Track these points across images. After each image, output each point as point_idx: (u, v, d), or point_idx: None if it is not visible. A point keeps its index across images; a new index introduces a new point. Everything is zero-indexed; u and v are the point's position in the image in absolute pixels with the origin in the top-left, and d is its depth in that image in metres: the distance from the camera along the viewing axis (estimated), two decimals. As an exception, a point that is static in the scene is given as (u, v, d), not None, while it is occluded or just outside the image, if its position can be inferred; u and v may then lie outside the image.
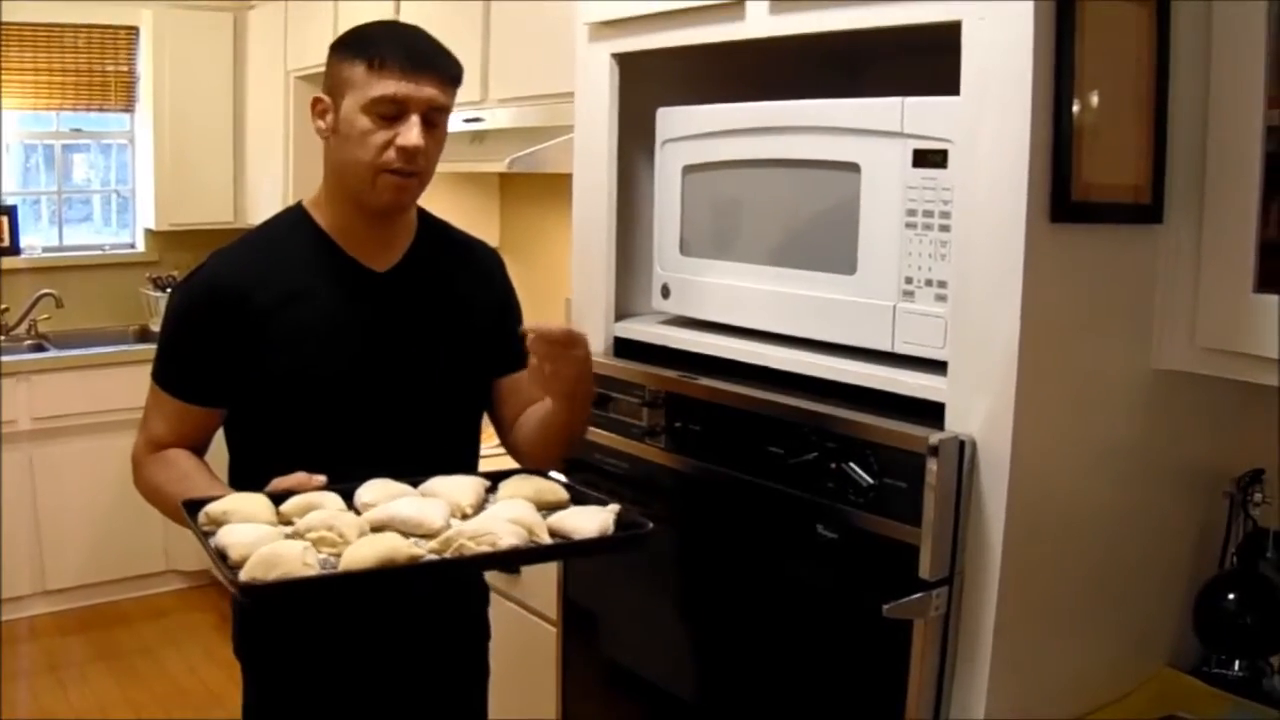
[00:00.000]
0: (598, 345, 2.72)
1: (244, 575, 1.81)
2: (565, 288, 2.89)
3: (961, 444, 1.97)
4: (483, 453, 2.48)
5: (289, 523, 2.03)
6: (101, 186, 7.18)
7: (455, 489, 2.15)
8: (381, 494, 2.10)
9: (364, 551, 1.87)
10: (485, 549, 1.92)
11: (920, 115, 2.06)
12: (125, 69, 6.79)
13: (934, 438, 1.96)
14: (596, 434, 2.63)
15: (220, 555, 1.91)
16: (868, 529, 2.05)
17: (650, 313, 2.74)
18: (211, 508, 2.04)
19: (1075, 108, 1.92)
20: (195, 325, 2.30)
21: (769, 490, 2.23)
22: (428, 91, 2.22)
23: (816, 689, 2.29)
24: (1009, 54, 1.88)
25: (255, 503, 2.07)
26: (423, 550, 1.93)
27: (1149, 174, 2.07)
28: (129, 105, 6.89)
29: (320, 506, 2.05)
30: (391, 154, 2.21)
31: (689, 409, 2.40)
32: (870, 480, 2.03)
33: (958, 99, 1.97)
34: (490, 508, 2.10)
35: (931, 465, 1.95)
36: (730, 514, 2.36)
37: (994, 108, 1.91)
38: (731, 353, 2.44)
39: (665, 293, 2.63)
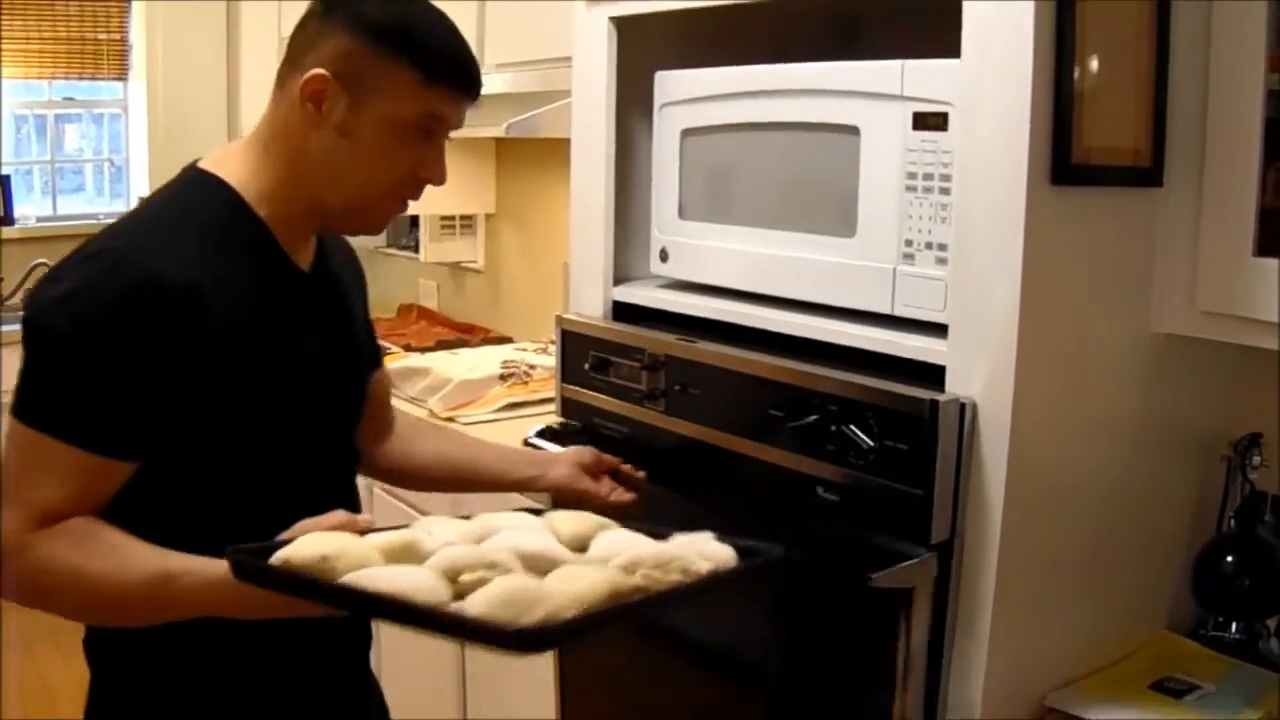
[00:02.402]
0: (597, 309, 2.74)
1: (498, 617, 1.41)
2: (563, 253, 2.89)
3: (962, 406, 1.97)
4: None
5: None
6: (94, 155, 7.16)
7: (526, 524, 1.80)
8: (457, 532, 1.69)
9: (594, 588, 1.50)
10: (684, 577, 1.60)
11: (920, 78, 2.06)
12: (118, 37, 6.77)
13: (934, 400, 1.96)
14: (596, 398, 2.64)
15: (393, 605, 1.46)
16: (868, 491, 2.06)
17: (649, 277, 2.74)
18: (299, 556, 1.55)
19: (1076, 70, 1.92)
20: (129, 343, 1.69)
21: (769, 453, 2.23)
22: (464, 113, 1.90)
23: (814, 653, 2.30)
24: (1010, 16, 1.88)
25: (355, 543, 1.58)
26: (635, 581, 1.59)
27: (1149, 137, 2.07)
28: (122, 74, 6.87)
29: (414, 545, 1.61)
30: (414, 182, 1.88)
31: (688, 372, 2.40)
32: (871, 443, 2.03)
33: (958, 61, 1.96)
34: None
35: (932, 426, 1.96)
36: (730, 477, 2.37)
37: (994, 70, 1.91)
38: (731, 316, 2.45)
39: (664, 257, 2.63)
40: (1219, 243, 2.06)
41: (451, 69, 1.82)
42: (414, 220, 5.52)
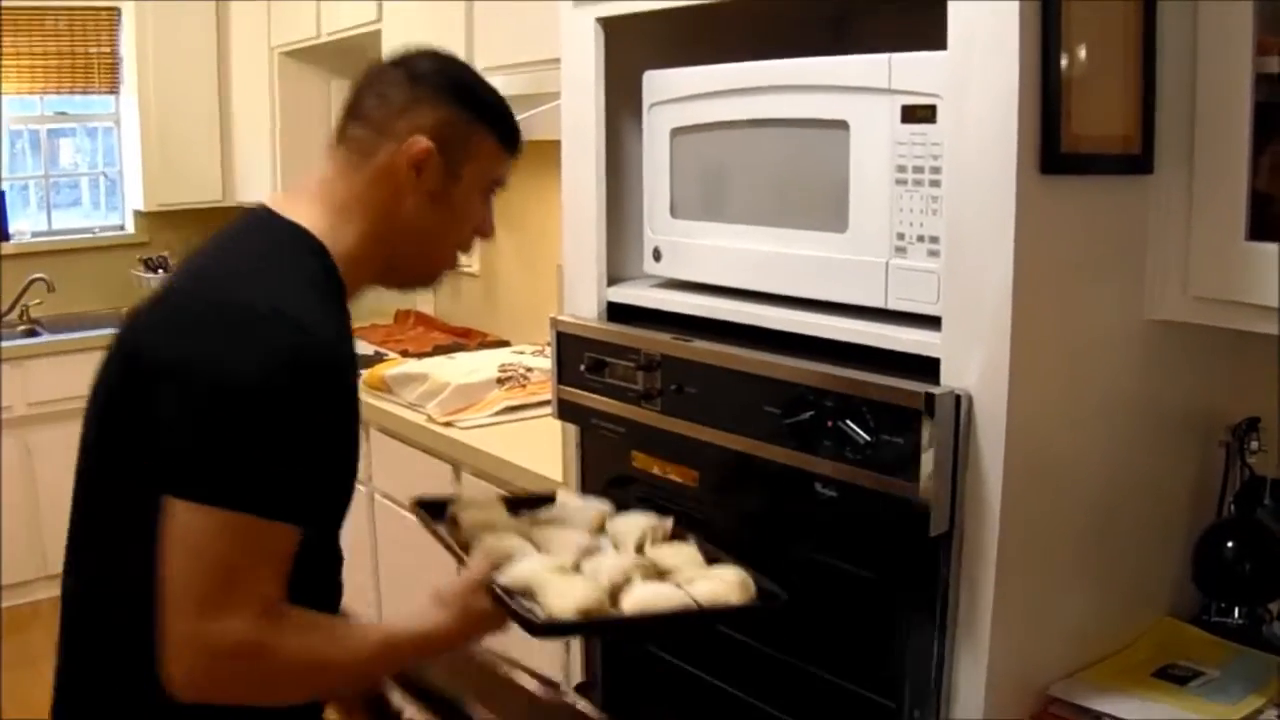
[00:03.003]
0: (591, 311, 2.73)
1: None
2: (556, 255, 2.89)
3: (957, 398, 1.97)
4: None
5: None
6: (89, 169, 7.17)
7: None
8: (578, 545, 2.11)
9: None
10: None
11: (907, 71, 2.06)
12: (108, 50, 6.78)
13: (930, 392, 1.96)
14: (594, 399, 2.63)
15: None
16: (866, 486, 2.05)
17: (643, 277, 2.74)
18: (519, 579, 1.91)
19: (1063, 59, 1.91)
20: (316, 406, 1.71)
21: (766, 450, 2.23)
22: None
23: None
24: (995, 6, 1.88)
25: (548, 570, 1.95)
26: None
27: (1138, 124, 2.07)
28: (113, 87, 6.89)
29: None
30: (474, 238, 2.07)
31: (684, 371, 2.40)
32: (867, 437, 2.02)
33: (945, 53, 1.96)
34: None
35: (928, 419, 1.95)
36: (728, 475, 2.37)
37: (981, 61, 1.90)
38: (725, 314, 2.44)
39: (657, 256, 2.63)
40: (1211, 228, 2.06)
41: (517, 136, 2.06)
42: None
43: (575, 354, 2.66)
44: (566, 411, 2.75)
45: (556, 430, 2.94)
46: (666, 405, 2.44)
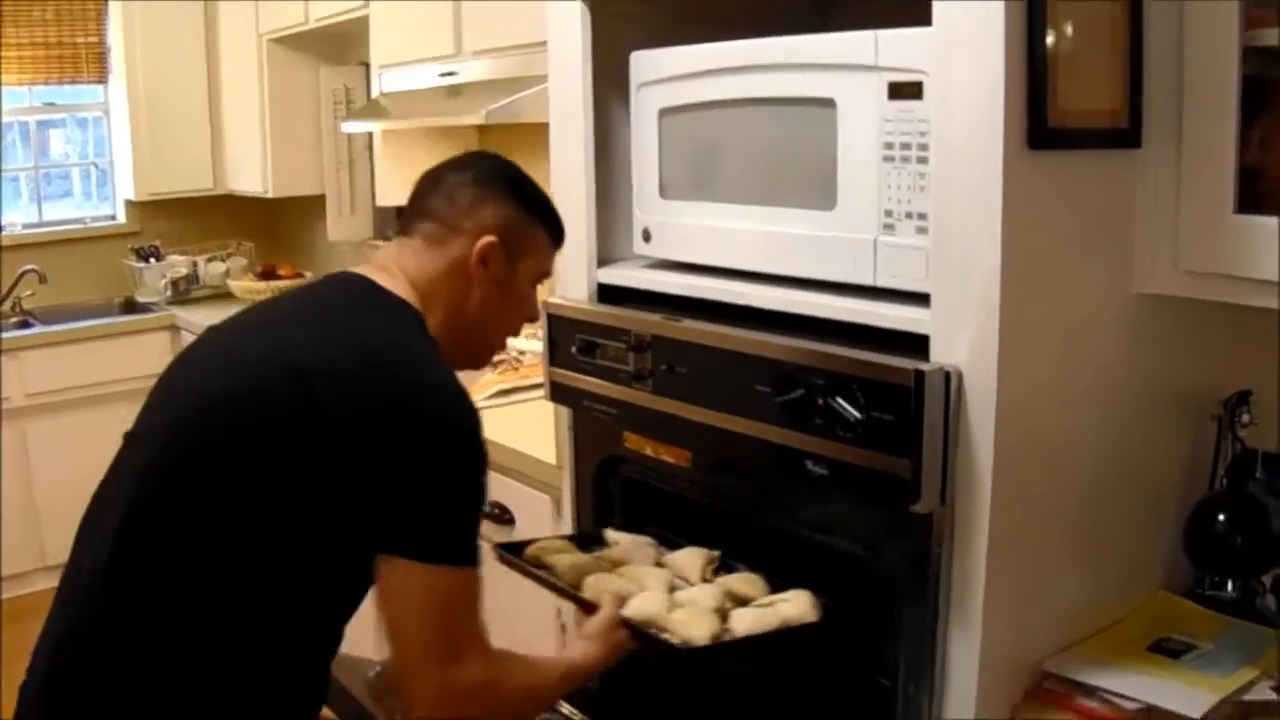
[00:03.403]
0: (581, 292, 2.73)
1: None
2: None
3: (947, 375, 1.97)
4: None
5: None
6: (80, 160, 7.16)
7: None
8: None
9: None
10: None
11: (894, 47, 2.05)
12: (95, 40, 6.76)
13: (919, 369, 1.96)
14: (586, 381, 2.64)
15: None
16: (857, 463, 2.05)
17: (633, 258, 2.74)
18: (642, 614, 2.24)
19: (1049, 34, 1.91)
20: (483, 468, 2.02)
21: (758, 429, 2.23)
22: None
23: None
24: (981, -20, 1.88)
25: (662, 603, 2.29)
26: None
27: (1126, 98, 2.07)
28: (102, 77, 6.87)
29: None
30: (523, 323, 2.32)
31: (675, 351, 2.40)
32: (857, 414, 2.02)
33: (931, 30, 1.96)
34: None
35: (918, 396, 1.95)
36: (720, 454, 2.37)
37: (967, 37, 1.90)
38: (715, 293, 2.44)
39: (646, 237, 2.63)
40: (1200, 201, 2.05)
41: (562, 231, 2.31)
42: (399, 210, 5.51)
43: (566, 336, 2.66)
44: (559, 394, 2.75)
45: (550, 412, 2.95)
46: (658, 386, 2.44)
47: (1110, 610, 2.28)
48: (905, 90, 2.03)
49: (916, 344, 2.03)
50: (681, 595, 2.32)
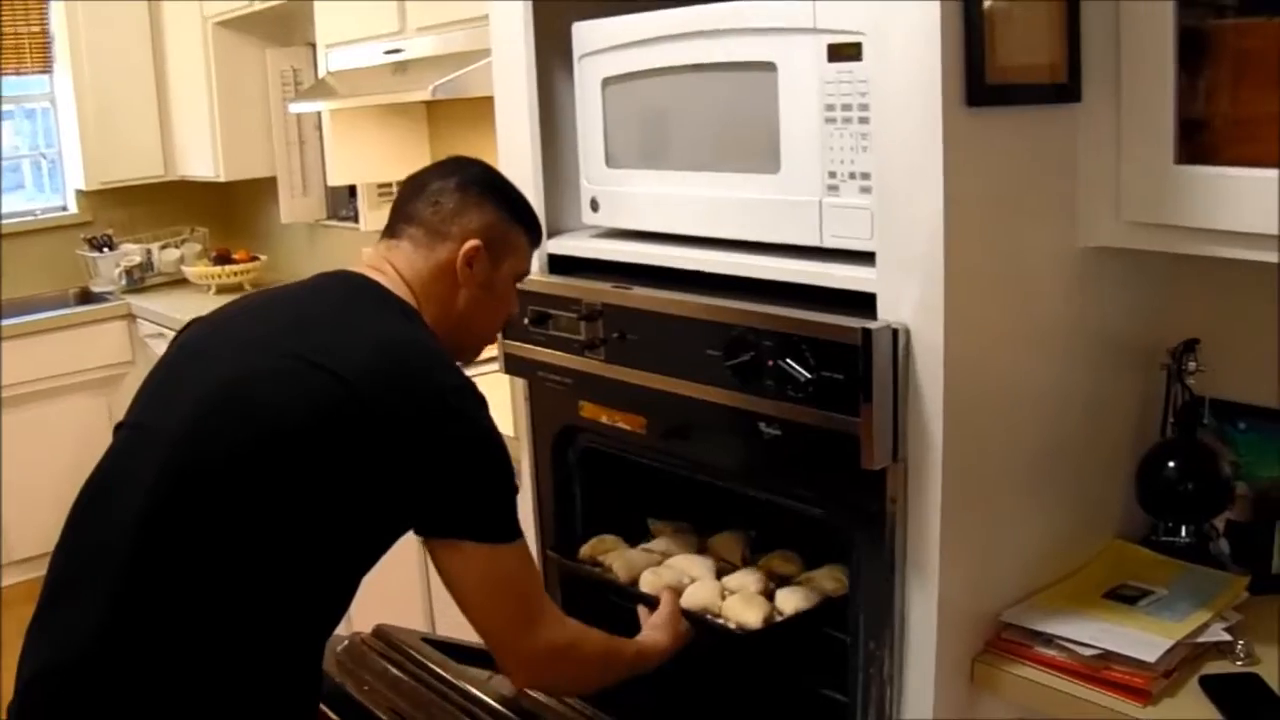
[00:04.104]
0: (532, 264, 2.71)
1: None
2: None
3: (894, 332, 1.98)
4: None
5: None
6: (30, 151, 7.11)
7: None
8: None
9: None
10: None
11: (832, 10, 2.06)
12: (38, 29, 6.70)
13: (866, 328, 1.97)
14: (539, 351, 2.64)
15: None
16: (809, 423, 2.07)
17: (582, 227, 2.75)
18: (699, 603, 2.45)
19: (986, -10, 1.92)
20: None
21: (710, 393, 2.24)
22: None
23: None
24: (915, -60, 1.89)
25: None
26: None
27: (1064, 53, 2.08)
28: (46, 66, 6.80)
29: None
30: (506, 321, 2.40)
31: (625, 319, 2.41)
32: (807, 375, 2.04)
33: (868, -10, 1.97)
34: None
35: (866, 354, 1.97)
36: (674, 420, 2.39)
37: (903, -4, 1.91)
38: (664, 260, 2.45)
39: (594, 206, 2.63)
40: (1140, 153, 2.07)
41: (540, 232, 2.40)
42: (352, 190, 5.51)
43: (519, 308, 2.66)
44: (513, 365, 2.75)
45: (506, 385, 2.95)
46: (610, 354, 2.46)
47: (1067, 560, 2.31)
48: (844, 51, 2.04)
49: (864, 303, 2.04)
50: (730, 581, 2.51)
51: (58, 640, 1.98)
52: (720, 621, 2.38)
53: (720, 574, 2.55)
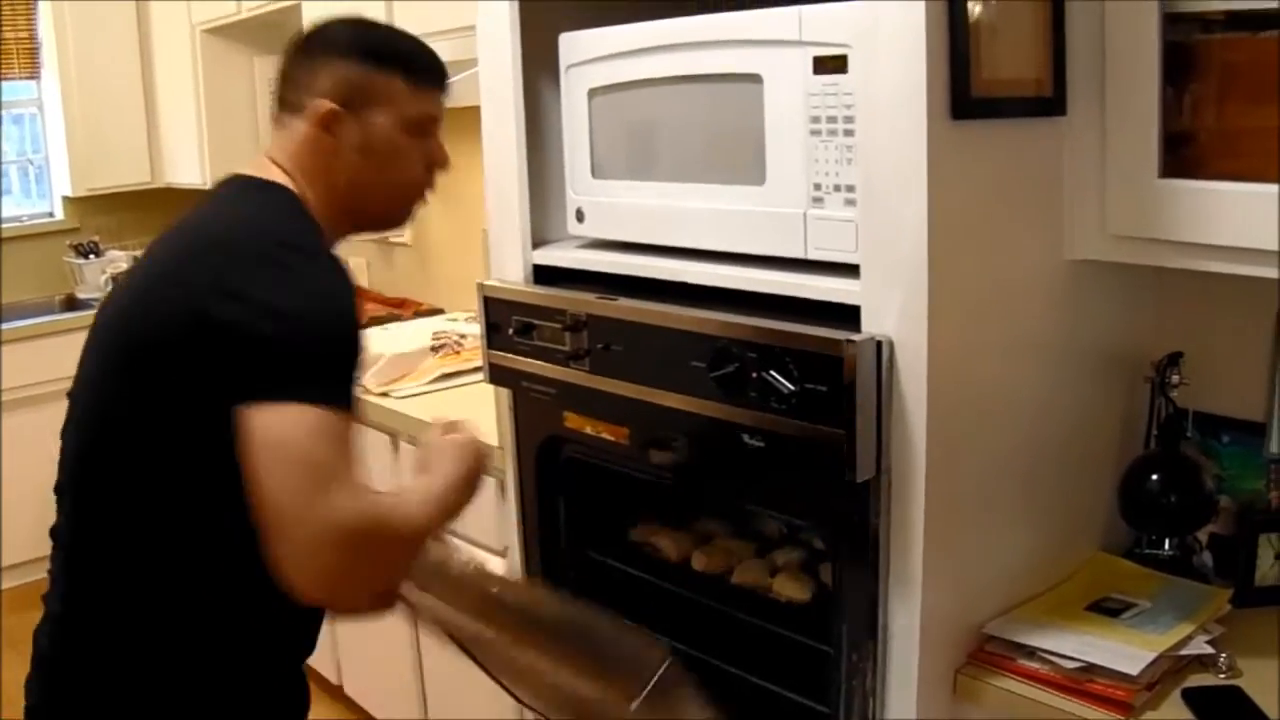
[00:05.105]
0: (517, 274, 2.73)
1: None
2: (483, 220, 2.89)
3: (878, 344, 1.98)
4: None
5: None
6: (17, 157, 7.09)
7: None
8: None
9: None
10: None
11: (818, 22, 2.06)
12: (26, 35, 6.68)
13: (850, 339, 1.97)
14: (524, 362, 2.63)
15: None
16: (792, 435, 2.07)
17: (567, 238, 2.75)
18: None
19: (972, 4, 1.92)
20: (356, 322, 1.87)
21: (695, 404, 2.24)
22: (444, 106, 2.20)
23: (752, 596, 2.32)
24: (901, -47, 1.89)
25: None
26: None
27: (1050, 67, 2.09)
28: (34, 73, 6.79)
29: None
30: (431, 175, 2.19)
31: (610, 330, 2.41)
32: (791, 387, 2.04)
33: (854, 3, 1.97)
34: None
35: (849, 366, 1.97)
36: (658, 430, 2.38)
37: (889, 9, 1.91)
38: (649, 271, 2.45)
39: (580, 217, 2.63)
40: (1125, 167, 2.08)
41: (432, 72, 2.15)
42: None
43: (503, 318, 2.66)
44: (498, 375, 2.75)
45: (492, 395, 2.95)
46: (595, 365, 2.45)
47: (1050, 572, 2.31)
48: (830, 64, 2.05)
49: (848, 315, 2.05)
50: (776, 557, 2.62)
51: (48, 607, 2.01)
52: (773, 596, 2.45)
53: (760, 552, 2.65)
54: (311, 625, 2.15)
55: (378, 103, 2.05)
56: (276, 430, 1.72)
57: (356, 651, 4.26)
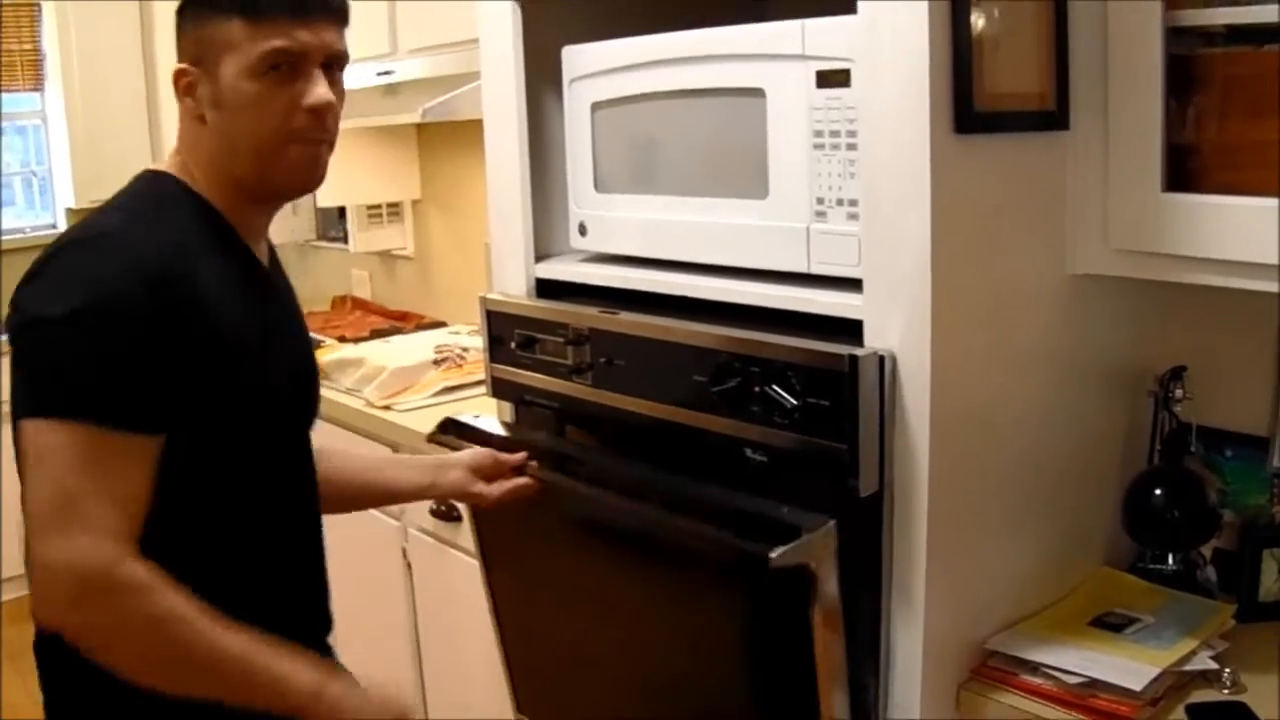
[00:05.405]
0: (520, 288, 2.73)
1: None
2: (485, 232, 2.89)
3: (881, 359, 1.98)
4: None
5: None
6: (20, 168, 7.10)
7: None
8: None
9: None
10: None
11: (820, 36, 2.06)
12: (30, 47, 6.70)
13: (853, 354, 1.97)
14: (526, 376, 2.63)
15: None
16: (795, 449, 2.07)
17: (570, 251, 2.75)
18: None
19: (974, 18, 1.92)
20: (149, 321, 1.71)
21: (697, 419, 2.24)
22: (325, 36, 1.88)
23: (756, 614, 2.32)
24: (903, -32, 1.89)
25: None
26: None
27: (1052, 80, 2.09)
28: (38, 84, 6.80)
29: None
30: (300, 119, 1.88)
31: (612, 345, 2.40)
32: (794, 401, 2.04)
33: (856, 17, 1.97)
34: None
35: (852, 381, 1.97)
36: (662, 444, 2.38)
37: (891, 23, 1.91)
38: (652, 285, 2.45)
39: (583, 231, 2.63)
40: (1128, 181, 2.08)
41: (267, 2, 1.83)
42: (341, 211, 5.51)
43: (506, 331, 2.66)
44: (500, 389, 2.75)
45: (494, 408, 2.95)
46: (597, 379, 2.45)
47: (1054, 587, 2.30)
48: (833, 78, 2.05)
49: (852, 329, 2.04)
50: None
51: None
52: None
53: None
54: (305, 599, 2.14)
55: (219, 53, 1.84)
56: (33, 445, 1.69)
57: (355, 652, 4.26)
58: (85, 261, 1.75)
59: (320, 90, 1.88)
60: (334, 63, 1.92)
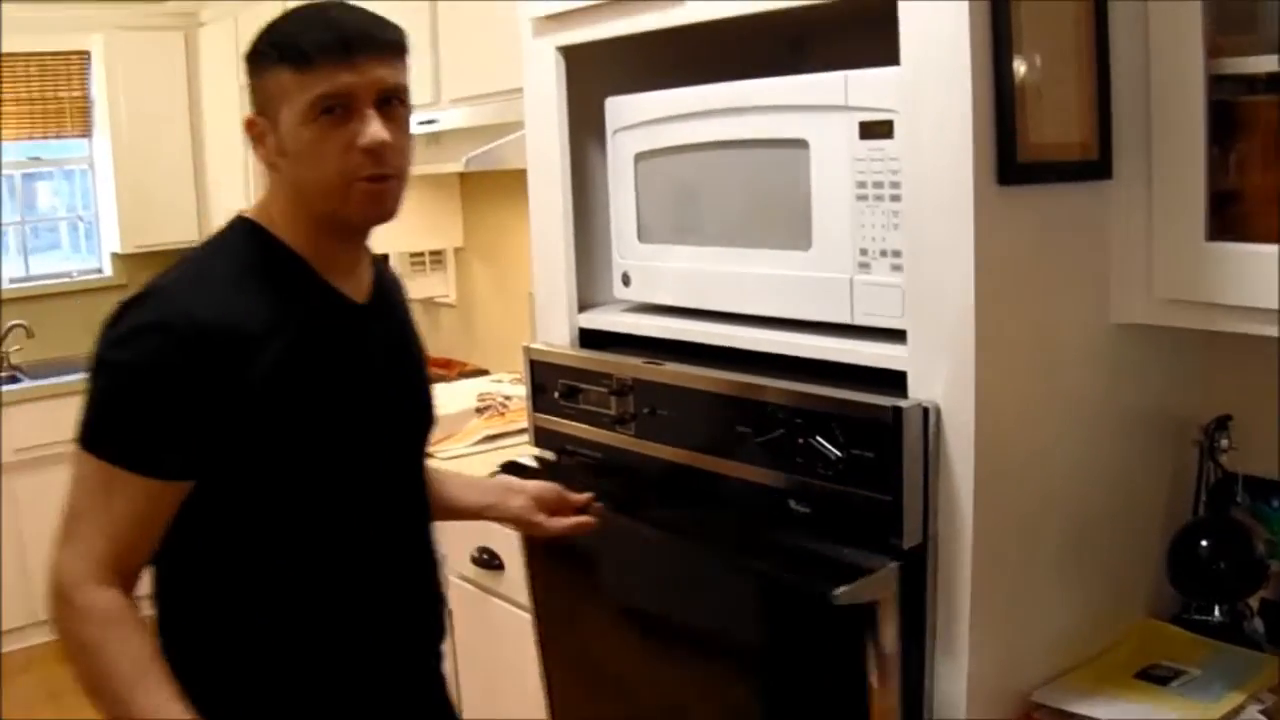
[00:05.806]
0: (564, 337, 2.74)
1: None
2: (530, 283, 2.90)
3: (925, 410, 1.98)
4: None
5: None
6: (67, 213, 7.16)
7: None
8: None
9: None
10: None
11: (864, 87, 2.07)
12: (79, 94, 6.78)
13: (897, 406, 1.97)
14: (569, 425, 2.64)
15: None
16: (839, 501, 2.07)
17: (613, 301, 2.76)
18: None
19: (1017, 68, 1.93)
20: (175, 374, 1.81)
21: (740, 469, 2.24)
22: (375, 74, 1.89)
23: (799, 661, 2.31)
24: (946, 19, 1.89)
25: None
26: None
27: (1095, 130, 2.08)
28: (86, 130, 6.88)
29: None
30: (355, 158, 1.89)
31: (656, 395, 2.41)
32: (838, 453, 2.04)
33: (899, 69, 1.98)
34: None
35: (896, 432, 1.96)
36: (705, 495, 2.37)
37: (934, 74, 1.92)
38: (695, 335, 2.46)
39: (626, 281, 2.64)
40: (1172, 230, 2.07)
41: (319, 42, 1.86)
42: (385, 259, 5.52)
43: (549, 381, 2.67)
44: (543, 439, 2.76)
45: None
46: (640, 429, 2.46)
47: (1098, 638, 2.29)
48: (876, 129, 2.05)
49: (895, 380, 2.04)
50: None
51: None
52: None
53: None
54: (410, 612, 2.20)
55: (276, 102, 1.90)
56: (73, 466, 1.87)
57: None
58: (136, 314, 1.87)
59: (373, 129, 1.89)
60: (391, 97, 1.94)
